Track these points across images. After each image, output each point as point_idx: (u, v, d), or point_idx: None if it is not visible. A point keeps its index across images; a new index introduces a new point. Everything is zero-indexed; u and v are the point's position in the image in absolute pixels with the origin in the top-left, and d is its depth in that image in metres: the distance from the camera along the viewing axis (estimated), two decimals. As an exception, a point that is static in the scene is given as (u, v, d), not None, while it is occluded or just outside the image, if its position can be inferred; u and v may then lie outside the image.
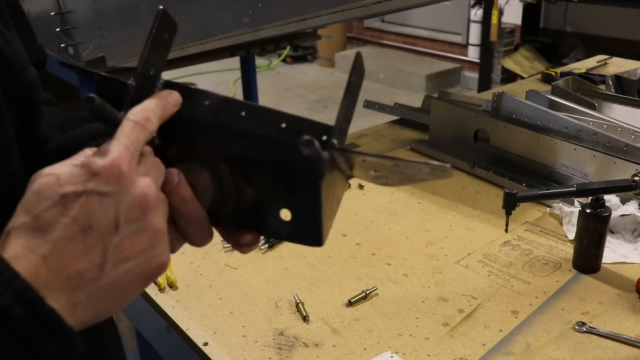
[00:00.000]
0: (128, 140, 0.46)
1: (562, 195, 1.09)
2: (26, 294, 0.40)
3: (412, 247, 1.14)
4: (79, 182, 0.44)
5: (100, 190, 0.43)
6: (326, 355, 0.86)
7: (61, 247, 0.42)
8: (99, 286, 0.44)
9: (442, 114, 1.56)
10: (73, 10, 2.39)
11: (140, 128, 0.48)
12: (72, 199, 0.43)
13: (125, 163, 0.45)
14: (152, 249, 0.46)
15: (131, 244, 0.45)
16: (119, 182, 0.44)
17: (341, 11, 1.80)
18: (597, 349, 0.86)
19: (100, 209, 0.44)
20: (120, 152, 0.45)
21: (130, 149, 0.46)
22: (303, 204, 0.50)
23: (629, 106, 1.53)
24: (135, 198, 0.45)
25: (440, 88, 5.42)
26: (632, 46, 4.78)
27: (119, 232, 0.44)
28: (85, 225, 0.43)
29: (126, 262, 0.45)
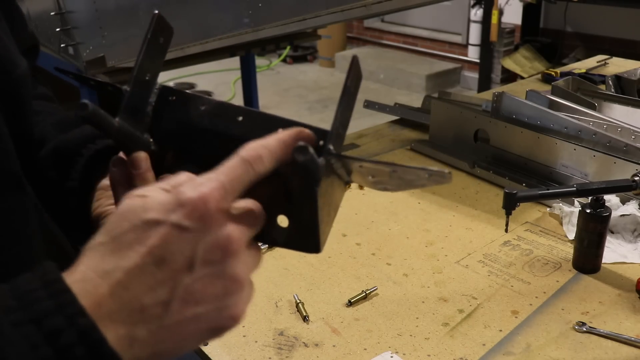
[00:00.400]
0: (226, 178, 0.43)
1: (562, 195, 1.09)
2: (90, 334, 0.38)
3: (412, 247, 1.14)
4: (163, 210, 0.41)
5: (182, 223, 0.41)
6: (326, 355, 0.86)
7: (131, 278, 0.40)
8: (161, 325, 0.41)
9: (442, 114, 1.56)
10: (73, 10, 2.39)
11: (246, 167, 0.44)
12: (153, 227, 0.41)
13: (215, 201, 0.42)
14: (227, 297, 0.43)
15: (204, 288, 0.42)
16: (203, 220, 0.41)
17: (341, 11, 1.80)
18: (597, 349, 0.86)
19: (178, 243, 0.41)
20: (212, 188, 0.42)
21: (225, 187, 0.43)
22: (300, 210, 0.49)
23: (629, 106, 1.53)
24: (216, 239, 0.42)
25: (440, 88, 5.42)
26: (632, 46, 4.78)
27: (193, 273, 0.41)
28: (159, 258, 0.41)
29: (195, 306, 0.42)
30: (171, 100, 0.54)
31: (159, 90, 0.53)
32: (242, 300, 0.44)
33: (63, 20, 2.42)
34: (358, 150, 1.61)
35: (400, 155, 1.59)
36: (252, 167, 0.44)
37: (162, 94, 0.53)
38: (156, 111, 0.54)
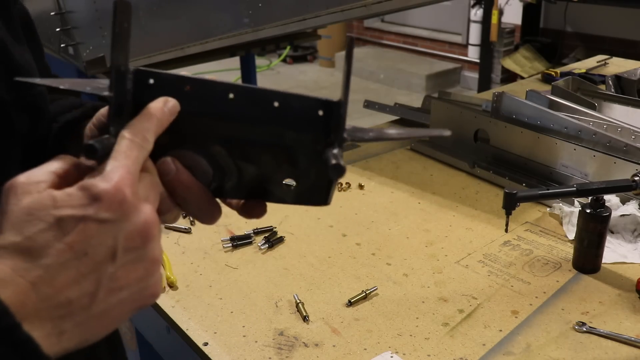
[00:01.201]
0: (128, 161, 0.44)
1: (562, 195, 1.09)
2: (14, 334, 0.39)
3: (412, 247, 1.14)
4: (78, 206, 0.41)
5: (100, 217, 0.41)
6: (326, 355, 0.86)
7: (53, 274, 0.41)
8: (88, 315, 0.42)
9: (442, 114, 1.56)
10: (73, 10, 2.39)
11: (138, 147, 0.45)
12: (70, 224, 0.41)
13: (129, 187, 0.42)
14: (147, 278, 0.45)
15: (127, 274, 0.43)
16: (122, 209, 0.42)
17: (341, 11, 1.80)
18: (597, 349, 0.86)
19: (98, 236, 0.41)
20: (122, 176, 0.42)
21: (131, 171, 0.43)
22: (307, 172, 0.50)
23: (629, 106, 1.53)
24: (136, 226, 0.43)
25: (440, 88, 5.42)
26: (632, 46, 4.78)
27: (116, 261, 0.42)
28: (81, 253, 0.41)
29: (119, 292, 0.43)
30: (150, 84, 0.50)
31: (134, 74, 0.49)
32: (159, 277, 0.46)
33: (63, 20, 2.42)
34: (358, 150, 1.61)
35: (400, 155, 1.59)
36: (143, 146, 0.46)
37: (139, 78, 0.49)
38: (137, 99, 0.49)
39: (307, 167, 0.50)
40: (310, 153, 0.49)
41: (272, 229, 1.19)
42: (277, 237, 1.16)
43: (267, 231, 1.18)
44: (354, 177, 1.43)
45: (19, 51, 0.62)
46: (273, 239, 1.15)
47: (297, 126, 0.49)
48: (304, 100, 0.49)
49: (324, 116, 0.49)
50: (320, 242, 1.16)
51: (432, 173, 1.47)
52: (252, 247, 1.14)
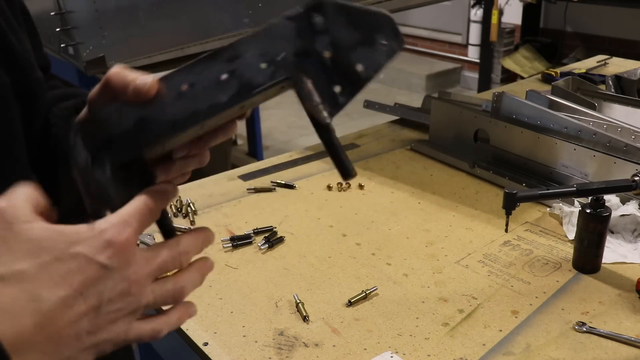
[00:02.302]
0: (138, 224, 0.47)
1: (562, 195, 1.09)
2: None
3: (412, 247, 1.14)
4: (92, 247, 0.44)
5: (107, 264, 0.44)
6: (326, 355, 0.86)
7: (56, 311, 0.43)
8: (70, 355, 0.44)
9: (442, 114, 1.56)
10: (73, 10, 2.39)
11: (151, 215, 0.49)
12: (81, 263, 0.43)
13: (132, 243, 0.46)
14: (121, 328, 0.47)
15: (106, 323, 0.46)
16: (125, 262, 0.45)
17: (341, 11, 1.80)
18: (597, 349, 0.86)
19: (100, 283, 0.44)
20: (132, 232, 0.46)
21: (137, 232, 0.47)
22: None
23: (629, 106, 1.53)
24: (124, 281, 0.45)
25: (440, 88, 5.42)
26: (632, 46, 4.78)
27: (99, 309, 0.45)
28: (78, 294, 0.43)
29: (94, 337, 0.45)
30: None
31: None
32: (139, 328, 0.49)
33: (63, 20, 2.42)
34: (358, 150, 1.61)
35: (400, 155, 1.59)
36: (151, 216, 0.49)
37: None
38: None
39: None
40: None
41: (272, 229, 1.19)
42: (277, 237, 1.16)
43: (267, 231, 1.18)
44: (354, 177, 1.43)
45: (18, 39, 0.63)
46: (273, 239, 1.15)
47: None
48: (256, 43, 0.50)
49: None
50: (320, 242, 1.16)
51: (432, 173, 1.47)
52: (252, 247, 1.14)
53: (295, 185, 1.38)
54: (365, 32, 0.47)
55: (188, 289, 0.52)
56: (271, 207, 1.30)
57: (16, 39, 0.62)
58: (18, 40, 0.63)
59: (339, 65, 0.48)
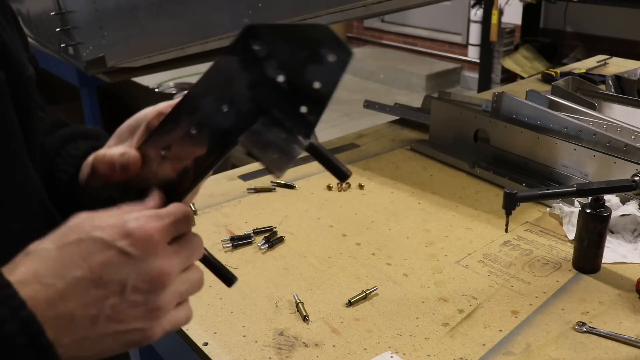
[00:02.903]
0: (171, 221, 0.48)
1: (562, 195, 1.09)
2: (31, 325, 0.42)
3: (412, 247, 1.14)
4: (113, 233, 0.45)
5: (126, 250, 0.45)
6: (326, 355, 0.86)
7: (68, 291, 0.44)
8: (85, 337, 0.45)
9: (442, 114, 1.56)
10: (73, 10, 2.39)
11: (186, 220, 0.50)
12: (99, 246, 0.45)
13: (158, 233, 0.47)
14: (146, 323, 0.47)
15: (128, 310, 0.46)
16: (145, 249, 0.46)
17: (341, 11, 1.80)
18: (597, 349, 0.86)
19: (117, 268, 0.45)
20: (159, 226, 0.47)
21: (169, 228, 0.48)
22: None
23: (629, 106, 1.53)
24: (149, 272, 0.46)
25: (440, 88, 5.42)
26: (632, 46, 4.78)
27: (123, 295, 0.45)
28: (97, 278, 0.44)
29: (117, 324, 0.46)
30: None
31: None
32: (160, 325, 0.48)
33: (63, 20, 2.42)
34: (358, 150, 1.61)
35: (400, 155, 1.59)
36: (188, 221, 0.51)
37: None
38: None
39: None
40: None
41: (272, 229, 1.19)
42: (277, 237, 1.15)
43: (267, 231, 1.18)
44: (354, 177, 1.43)
45: (9, 37, 0.63)
46: (273, 239, 1.15)
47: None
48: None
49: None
50: (320, 242, 1.16)
51: (432, 173, 1.47)
52: (252, 247, 1.14)
53: (295, 185, 1.38)
54: (308, 48, 0.46)
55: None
56: (271, 207, 1.30)
57: (8, 37, 0.62)
58: (10, 38, 0.63)
59: (296, 87, 0.47)
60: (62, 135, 0.72)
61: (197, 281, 0.53)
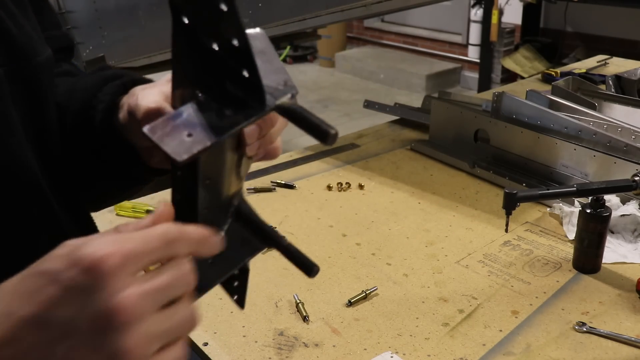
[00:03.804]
0: (137, 247, 0.39)
1: (562, 195, 1.09)
2: None
3: (412, 247, 1.14)
4: (58, 263, 0.38)
5: (73, 282, 0.37)
6: (326, 355, 0.86)
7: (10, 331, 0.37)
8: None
9: (442, 114, 1.56)
10: (73, 10, 2.39)
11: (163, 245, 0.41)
12: (45, 281, 0.38)
13: (114, 261, 0.37)
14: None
15: (82, 358, 0.37)
16: (95, 278, 0.37)
17: (341, 11, 1.80)
18: (597, 349, 0.86)
19: (63, 304, 0.37)
20: (116, 250, 0.38)
21: (133, 253, 0.39)
22: None
23: (629, 106, 1.53)
24: (104, 306, 0.37)
25: (440, 88, 5.42)
26: (632, 46, 4.78)
27: (73, 339, 0.37)
28: (43, 318, 0.37)
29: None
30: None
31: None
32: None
33: (63, 20, 2.42)
34: (358, 150, 1.61)
35: (400, 155, 1.59)
36: (168, 248, 0.41)
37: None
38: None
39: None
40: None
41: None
42: (277, 237, 1.15)
43: (267, 231, 1.18)
44: (354, 177, 1.43)
45: (16, 23, 0.62)
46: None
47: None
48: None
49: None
50: (320, 242, 1.16)
51: (432, 173, 1.47)
52: (252, 247, 1.14)
53: (295, 185, 1.38)
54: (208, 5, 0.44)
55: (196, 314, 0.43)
56: (271, 207, 1.29)
57: (14, 23, 0.61)
58: (17, 24, 0.62)
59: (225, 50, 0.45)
60: (106, 74, 0.69)
61: (187, 319, 0.42)
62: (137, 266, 0.39)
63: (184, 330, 0.42)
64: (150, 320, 0.39)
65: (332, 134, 0.43)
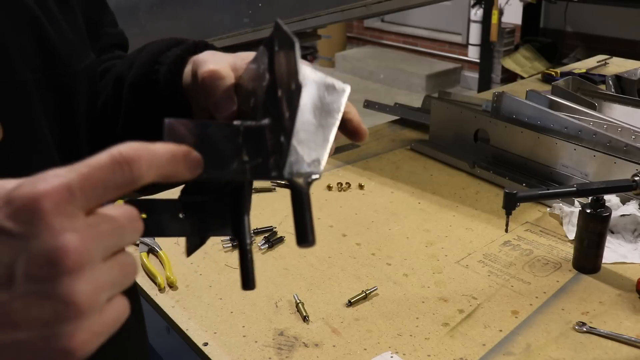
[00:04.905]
0: (80, 177, 0.33)
1: (562, 195, 1.09)
2: None
3: (412, 247, 1.14)
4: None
5: (3, 225, 0.32)
6: (326, 355, 0.86)
7: None
8: None
9: (442, 114, 1.56)
10: (73, 10, 2.38)
11: (115, 168, 0.35)
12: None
13: (52, 201, 0.32)
14: (57, 324, 0.33)
15: (25, 309, 0.32)
16: (31, 222, 0.32)
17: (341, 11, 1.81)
18: (597, 349, 0.86)
19: (3, 251, 0.32)
20: (53, 186, 0.32)
21: (73, 188, 0.33)
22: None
23: (629, 106, 1.53)
24: (46, 249, 0.32)
25: (440, 88, 5.42)
26: (632, 46, 4.78)
27: (12, 288, 0.32)
28: None
29: (13, 331, 0.33)
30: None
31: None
32: (82, 329, 0.33)
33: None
34: (358, 150, 1.61)
35: (400, 155, 1.59)
36: (123, 170, 0.35)
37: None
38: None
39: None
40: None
41: (272, 229, 1.19)
42: (277, 237, 1.15)
43: (267, 231, 1.18)
44: (354, 177, 1.43)
45: (58, 28, 0.61)
46: (273, 239, 1.15)
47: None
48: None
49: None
50: (320, 242, 1.16)
51: (432, 173, 1.47)
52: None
53: (295, 185, 1.38)
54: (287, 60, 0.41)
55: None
56: (271, 207, 1.30)
57: (56, 28, 0.60)
58: (58, 30, 0.61)
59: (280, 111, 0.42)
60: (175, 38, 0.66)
61: (130, 266, 0.37)
62: (84, 201, 0.34)
63: (127, 281, 0.37)
64: (100, 267, 0.34)
65: (309, 243, 0.43)
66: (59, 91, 0.61)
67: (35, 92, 0.57)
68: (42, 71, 0.59)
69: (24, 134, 0.57)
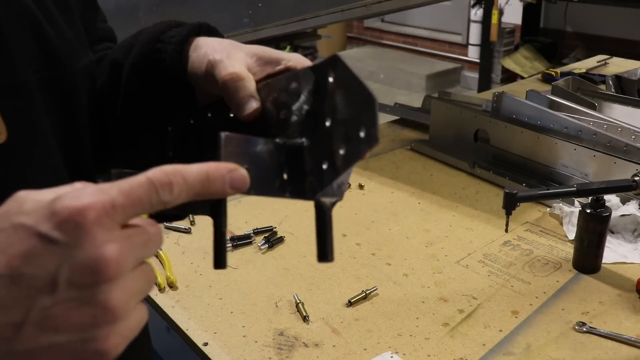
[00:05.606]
0: (121, 196, 0.36)
1: (562, 195, 1.09)
2: None
3: (412, 247, 1.14)
4: (35, 216, 0.35)
5: (50, 234, 0.34)
6: (326, 355, 0.86)
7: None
8: (9, 350, 0.35)
9: (442, 114, 1.56)
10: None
11: (150, 191, 0.38)
12: (20, 236, 0.35)
13: (95, 214, 0.35)
14: (94, 328, 0.35)
15: (66, 314, 0.35)
16: (76, 233, 0.34)
17: (341, 11, 1.81)
18: (597, 349, 0.86)
19: (42, 257, 0.35)
20: (96, 201, 0.35)
21: (115, 205, 0.36)
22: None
23: (629, 106, 1.53)
24: (88, 258, 0.34)
25: (440, 88, 5.42)
26: (632, 46, 4.78)
27: (55, 294, 0.35)
28: (18, 273, 0.35)
29: (53, 334, 0.35)
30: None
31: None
32: (115, 332, 0.36)
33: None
34: (358, 150, 1.61)
35: (400, 155, 1.59)
36: (158, 193, 0.38)
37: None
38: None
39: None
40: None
41: (272, 229, 1.19)
42: (277, 237, 1.15)
43: (267, 231, 1.18)
44: (354, 177, 1.43)
45: (57, 29, 0.61)
46: (273, 239, 1.15)
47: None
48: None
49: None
50: (320, 242, 1.16)
51: (432, 173, 1.47)
52: (252, 247, 1.14)
53: (295, 185, 1.38)
54: (356, 110, 0.43)
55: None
56: (271, 207, 1.30)
57: (55, 29, 0.60)
58: (58, 30, 0.61)
59: (329, 141, 0.44)
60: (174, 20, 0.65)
61: (151, 274, 0.40)
62: (122, 216, 0.37)
63: (150, 288, 0.40)
64: (131, 275, 0.37)
65: (328, 260, 0.48)
66: (60, 91, 0.61)
67: (37, 92, 0.58)
68: (43, 71, 0.59)
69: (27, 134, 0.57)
